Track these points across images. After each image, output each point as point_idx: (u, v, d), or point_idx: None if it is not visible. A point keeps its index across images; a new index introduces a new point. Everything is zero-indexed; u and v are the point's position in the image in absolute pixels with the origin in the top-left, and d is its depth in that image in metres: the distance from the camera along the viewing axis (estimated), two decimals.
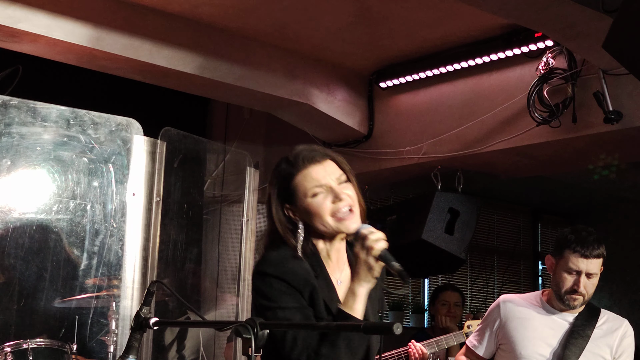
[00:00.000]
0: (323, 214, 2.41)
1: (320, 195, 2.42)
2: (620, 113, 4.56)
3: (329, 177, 2.45)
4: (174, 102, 6.02)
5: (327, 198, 2.42)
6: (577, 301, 3.46)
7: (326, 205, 2.42)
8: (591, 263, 3.42)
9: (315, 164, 2.46)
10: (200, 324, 2.57)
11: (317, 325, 2.32)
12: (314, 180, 2.44)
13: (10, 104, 3.97)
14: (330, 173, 2.46)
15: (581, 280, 3.42)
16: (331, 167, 2.48)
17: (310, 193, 2.42)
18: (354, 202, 2.45)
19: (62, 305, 4.11)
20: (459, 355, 3.78)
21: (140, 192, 4.10)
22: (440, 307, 5.48)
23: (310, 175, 2.44)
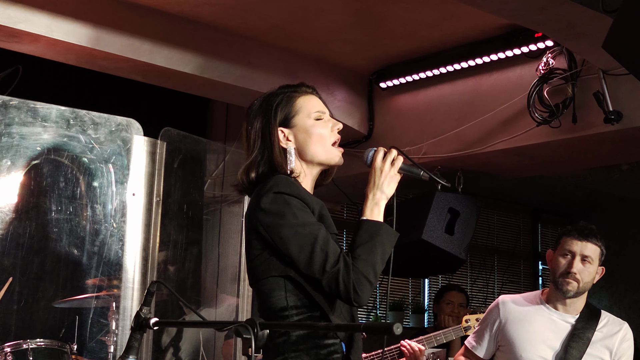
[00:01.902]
0: (326, 137, 2.46)
1: (323, 121, 2.48)
2: (620, 113, 4.56)
3: (327, 112, 2.52)
4: (174, 102, 6.02)
5: (328, 124, 2.49)
6: (570, 285, 3.43)
7: (328, 130, 2.48)
8: (585, 246, 3.42)
9: (315, 95, 2.53)
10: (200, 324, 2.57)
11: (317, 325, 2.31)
12: (318, 105, 2.50)
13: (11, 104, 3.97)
14: (326, 109, 2.53)
15: (575, 263, 3.41)
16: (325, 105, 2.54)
17: (315, 115, 2.47)
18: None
19: (62, 305, 4.11)
20: (457, 355, 3.77)
21: (140, 192, 4.10)
22: (445, 306, 5.47)
23: (314, 101, 2.50)
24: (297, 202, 2.35)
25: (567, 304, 3.51)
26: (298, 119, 2.47)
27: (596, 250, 3.43)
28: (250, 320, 1.98)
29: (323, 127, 2.48)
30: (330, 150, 2.48)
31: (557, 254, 3.49)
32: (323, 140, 2.47)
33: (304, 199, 2.37)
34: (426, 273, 7.01)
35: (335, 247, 2.33)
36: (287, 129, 2.47)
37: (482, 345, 3.64)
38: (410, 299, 7.76)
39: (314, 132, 2.46)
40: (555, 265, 3.48)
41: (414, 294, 7.83)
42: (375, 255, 2.38)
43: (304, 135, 2.46)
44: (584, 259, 3.42)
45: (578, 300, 3.52)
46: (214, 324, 2.54)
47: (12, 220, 4.05)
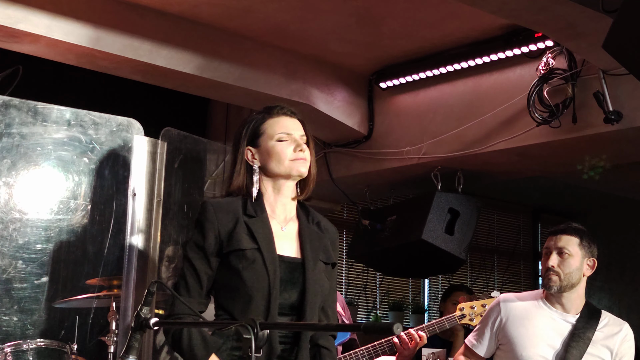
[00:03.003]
0: (284, 157, 2.70)
1: (286, 142, 2.72)
2: (620, 113, 4.57)
3: (296, 132, 2.75)
4: (174, 102, 6.02)
5: (290, 146, 2.72)
6: (552, 281, 3.46)
7: (289, 150, 2.71)
8: (559, 239, 3.47)
9: (288, 116, 2.78)
10: (200, 324, 2.57)
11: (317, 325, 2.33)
12: (283, 127, 2.74)
13: (11, 104, 3.97)
14: (298, 129, 2.77)
15: (551, 256, 3.46)
16: (299, 125, 2.79)
17: (277, 137, 2.72)
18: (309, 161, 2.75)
19: (62, 305, 4.10)
20: (458, 354, 3.78)
21: (141, 193, 4.09)
22: (451, 306, 5.45)
23: (282, 123, 2.76)
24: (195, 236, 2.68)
25: (563, 302, 3.52)
26: (262, 139, 2.74)
27: (571, 240, 3.46)
28: (251, 320, 1.98)
29: (284, 147, 2.72)
30: (289, 164, 2.71)
31: (543, 253, 3.57)
32: (281, 159, 2.71)
33: (207, 225, 2.66)
34: (426, 273, 7.01)
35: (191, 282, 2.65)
36: (254, 148, 2.75)
37: (482, 344, 3.65)
38: (410, 299, 7.76)
39: (273, 151, 2.71)
40: (541, 265, 3.57)
41: (414, 294, 7.83)
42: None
43: (265, 154, 2.73)
44: (560, 252, 3.46)
45: (576, 299, 3.53)
46: (214, 324, 2.54)
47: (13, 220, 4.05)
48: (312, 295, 2.63)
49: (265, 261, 2.59)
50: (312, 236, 2.74)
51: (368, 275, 7.44)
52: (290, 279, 2.63)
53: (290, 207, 2.76)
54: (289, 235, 2.72)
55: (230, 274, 2.61)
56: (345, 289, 7.28)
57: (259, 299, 2.57)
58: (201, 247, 2.64)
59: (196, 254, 2.64)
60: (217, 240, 2.63)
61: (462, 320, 4.26)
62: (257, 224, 2.65)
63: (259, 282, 2.57)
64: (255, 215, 2.67)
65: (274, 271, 2.59)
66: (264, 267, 2.59)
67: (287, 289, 2.61)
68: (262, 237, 2.63)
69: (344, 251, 6.97)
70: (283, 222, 2.73)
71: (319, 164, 6.00)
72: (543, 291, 3.60)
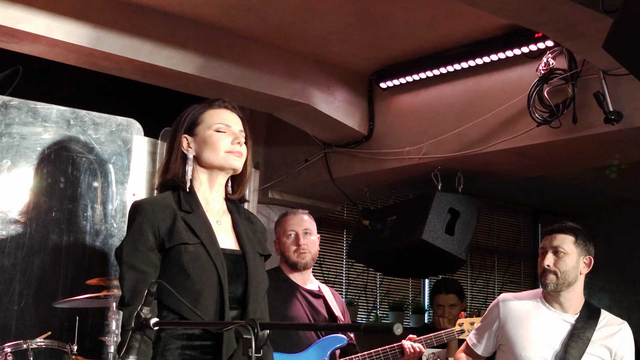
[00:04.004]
0: (219, 147, 2.69)
1: (224, 133, 2.71)
2: (620, 113, 4.56)
3: (235, 126, 2.75)
4: (174, 102, 6.01)
5: (228, 138, 2.71)
6: (549, 279, 3.48)
7: (225, 142, 2.70)
8: (554, 238, 3.48)
9: (229, 110, 2.79)
10: (200, 324, 2.57)
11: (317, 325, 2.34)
12: (223, 119, 2.75)
13: (11, 104, 3.98)
14: (237, 124, 2.77)
15: (546, 256, 3.48)
16: (239, 121, 2.79)
17: (215, 127, 2.72)
18: (245, 158, 2.74)
19: (63, 305, 4.11)
20: (458, 352, 3.79)
21: (140, 193, 4.10)
22: (436, 308, 5.47)
23: (222, 115, 2.76)
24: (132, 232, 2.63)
25: (561, 302, 3.52)
26: (200, 128, 2.73)
27: (565, 239, 3.48)
28: (251, 321, 1.98)
29: (220, 138, 2.71)
30: (224, 156, 2.70)
31: (539, 253, 3.58)
32: (216, 149, 2.69)
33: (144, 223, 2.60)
34: (426, 273, 7.01)
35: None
36: (190, 136, 2.74)
37: (482, 343, 3.66)
38: (410, 299, 7.77)
39: (209, 141, 2.70)
40: (538, 265, 3.57)
41: (414, 294, 7.83)
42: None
43: (201, 143, 2.71)
44: (555, 251, 3.47)
45: (575, 299, 3.53)
46: (214, 324, 2.54)
47: (13, 220, 4.05)
48: (255, 287, 2.63)
49: (211, 255, 2.57)
50: (247, 229, 2.75)
51: (368, 275, 7.44)
52: (234, 272, 2.62)
53: (222, 201, 2.76)
54: (225, 229, 2.71)
55: (174, 271, 2.56)
56: (345, 289, 7.29)
57: (208, 294, 2.54)
58: (141, 246, 2.57)
59: (137, 254, 2.56)
60: (156, 237, 2.58)
61: (460, 336, 4.28)
62: (194, 218, 2.62)
63: (208, 277, 2.55)
64: (191, 210, 2.64)
65: (221, 265, 2.58)
66: (211, 261, 2.57)
67: (232, 281, 2.60)
68: (202, 231, 2.61)
69: (344, 251, 6.97)
70: (217, 216, 2.71)
71: (319, 164, 6.02)
72: (542, 291, 3.60)
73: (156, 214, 2.60)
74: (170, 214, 2.61)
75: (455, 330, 4.31)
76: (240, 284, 2.62)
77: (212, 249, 2.59)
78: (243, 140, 2.73)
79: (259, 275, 2.67)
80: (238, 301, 2.61)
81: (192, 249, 2.57)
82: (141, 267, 2.55)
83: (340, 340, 4.04)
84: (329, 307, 4.13)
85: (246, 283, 2.62)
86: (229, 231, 2.72)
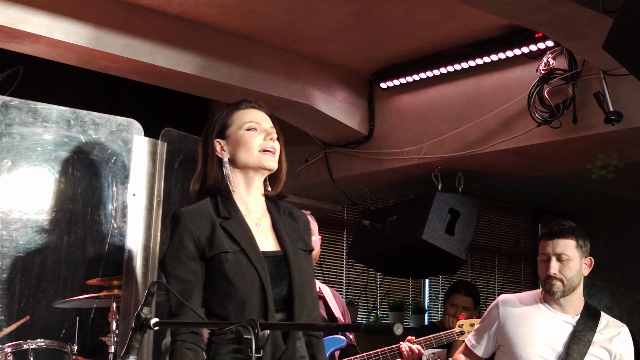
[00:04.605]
0: (253, 146, 2.67)
1: (255, 130, 2.70)
2: (620, 113, 4.57)
3: (265, 123, 2.73)
4: (175, 102, 6.02)
5: (260, 135, 2.69)
6: (555, 286, 3.43)
7: (258, 139, 2.68)
8: (556, 244, 3.41)
9: (257, 109, 2.76)
10: (200, 324, 2.57)
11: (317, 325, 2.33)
12: (252, 117, 2.72)
13: (11, 104, 3.97)
14: (267, 121, 2.75)
15: (551, 264, 3.41)
16: (268, 118, 2.77)
17: (247, 126, 2.70)
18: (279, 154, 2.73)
19: (63, 305, 4.11)
20: (457, 353, 3.77)
21: (141, 193, 4.09)
22: (449, 307, 5.46)
23: (250, 114, 2.74)
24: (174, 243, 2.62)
25: (562, 303, 3.51)
26: (231, 130, 2.72)
27: (568, 244, 3.42)
28: (251, 321, 1.98)
29: (253, 136, 2.69)
30: (259, 155, 2.68)
31: (538, 260, 3.52)
32: (250, 148, 2.68)
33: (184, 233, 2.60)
34: (426, 273, 7.01)
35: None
36: (222, 140, 2.72)
37: (481, 344, 3.64)
38: (410, 299, 7.76)
39: (242, 140, 2.68)
40: (539, 271, 3.52)
41: (415, 294, 7.83)
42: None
43: (234, 144, 2.70)
44: (559, 257, 3.42)
45: (575, 300, 3.52)
46: (214, 324, 2.54)
47: (13, 220, 4.05)
48: (300, 286, 2.62)
49: (252, 260, 2.58)
50: (287, 227, 2.74)
51: (368, 275, 7.44)
52: (277, 274, 2.62)
53: (261, 201, 2.76)
54: (265, 230, 2.70)
55: (219, 280, 2.58)
56: (345, 289, 7.28)
57: (253, 299, 2.55)
58: (183, 256, 2.58)
59: (179, 265, 2.58)
60: (197, 247, 2.59)
61: (460, 337, 4.26)
62: (233, 224, 2.63)
63: (251, 282, 2.56)
64: (229, 216, 2.64)
65: (263, 269, 2.58)
66: (252, 266, 2.57)
67: (276, 283, 2.60)
68: (241, 237, 2.61)
69: (344, 251, 6.97)
70: (257, 218, 2.71)
71: (319, 164, 6.02)
72: (541, 291, 3.60)
73: (195, 224, 2.60)
74: (208, 223, 2.61)
75: (455, 332, 4.30)
76: (284, 284, 2.61)
77: (252, 254, 2.59)
78: (275, 136, 2.72)
79: (302, 273, 2.65)
80: (284, 302, 2.61)
81: (232, 256, 2.57)
82: (185, 277, 2.56)
83: (340, 341, 4.03)
84: (328, 308, 4.12)
85: (290, 284, 2.61)
86: (269, 232, 2.71)
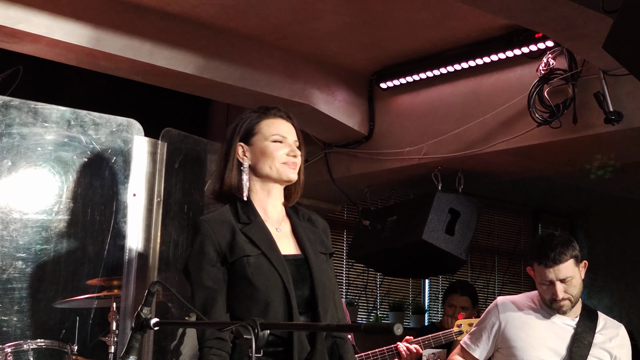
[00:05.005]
0: (276, 159, 2.71)
1: (280, 143, 2.73)
2: (620, 114, 4.57)
3: (291, 137, 2.77)
4: (175, 102, 6.02)
5: (285, 149, 2.73)
6: (564, 307, 3.45)
7: (282, 152, 2.72)
8: (558, 270, 3.39)
9: (284, 119, 2.79)
10: (200, 325, 2.57)
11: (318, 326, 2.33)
12: (279, 130, 2.76)
13: (11, 104, 3.97)
14: (292, 134, 2.79)
15: (557, 289, 3.41)
16: (294, 131, 2.81)
17: (272, 138, 2.73)
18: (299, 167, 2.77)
19: (63, 305, 4.11)
20: (452, 355, 3.75)
21: (141, 193, 4.09)
22: (447, 308, 5.46)
23: (278, 126, 2.77)
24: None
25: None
26: (257, 138, 2.74)
27: (569, 265, 3.41)
28: (251, 321, 1.98)
29: (277, 148, 2.72)
30: (280, 167, 2.71)
31: (537, 281, 3.49)
32: (273, 160, 2.71)
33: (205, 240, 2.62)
34: (426, 273, 7.01)
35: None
36: (246, 145, 2.75)
37: (478, 346, 3.62)
38: (410, 300, 7.76)
39: (266, 152, 2.71)
40: (540, 291, 3.50)
41: (415, 295, 7.83)
42: None
43: (257, 153, 2.73)
44: (563, 280, 3.42)
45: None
46: (214, 324, 2.54)
47: (13, 220, 4.05)
48: (322, 288, 2.65)
49: (273, 263, 2.60)
50: (307, 231, 2.77)
51: (368, 275, 7.44)
52: (299, 277, 2.64)
53: (281, 207, 2.79)
54: (285, 235, 2.73)
55: (241, 284, 2.60)
56: (345, 289, 7.29)
57: (276, 302, 2.57)
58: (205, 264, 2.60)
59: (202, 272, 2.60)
60: (218, 253, 2.60)
61: (458, 337, 4.26)
62: (253, 229, 2.65)
63: (273, 286, 2.58)
64: (249, 221, 2.66)
65: (285, 271, 2.60)
66: (274, 269, 2.60)
67: (298, 286, 2.63)
68: (262, 241, 2.63)
69: (344, 251, 6.97)
70: (277, 223, 2.74)
71: (319, 164, 6.02)
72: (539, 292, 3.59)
73: (215, 231, 2.61)
74: (229, 229, 2.63)
75: (453, 332, 4.29)
76: (306, 287, 2.64)
77: (273, 257, 2.61)
78: (298, 153, 2.76)
79: (323, 275, 2.68)
80: (308, 305, 2.63)
81: (253, 260, 2.59)
82: (208, 284, 2.58)
83: None
84: None
85: (312, 286, 2.64)
86: (289, 236, 2.73)
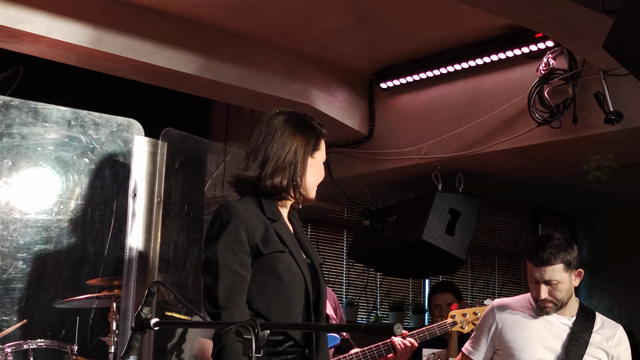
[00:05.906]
0: (318, 180, 2.80)
1: (323, 166, 2.83)
2: (620, 114, 4.57)
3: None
4: (175, 102, 6.02)
5: (323, 173, 2.84)
6: (548, 307, 3.48)
7: (322, 176, 2.83)
8: (544, 271, 3.40)
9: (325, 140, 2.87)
10: (200, 325, 2.57)
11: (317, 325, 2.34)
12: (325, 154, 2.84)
13: (12, 104, 3.97)
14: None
15: (541, 289, 3.43)
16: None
17: (323, 160, 2.82)
18: None
19: (63, 305, 4.11)
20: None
21: (141, 193, 4.09)
22: (434, 309, 5.48)
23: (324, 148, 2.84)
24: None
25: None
26: (318, 155, 2.80)
27: (556, 270, 3.41)
28: (251, 321, 1.98)
29: (323, 172, 2.83)
30: (314, 187, 2.80)
31: (528, 280, 3.53)
32: (317, 180, 2.80)
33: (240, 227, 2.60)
34: (427, 273, 7.01)
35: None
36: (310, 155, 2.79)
37: (479, 351, 3.64)
38: (410, 299, 7.77)
39: (317, 170, 2.79)
40: (531, 290, 3.54)
41: (415, 294, 7.83)
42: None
43: (313, 169, 2.77)
44: (548, 283, 3.43)
45: (570, 303, 3.54)
46: (215, 324, 2.54)
47: (13, 220, 4.05)
48: (324, 293, 2.72)
49: (299, 263, 2.64)
50: (304, 235, 2.82)
51: (368, 275, 7.44)
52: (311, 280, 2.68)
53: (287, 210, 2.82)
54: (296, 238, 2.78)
55: (267, 278, 2.59)
56: (345, 289, 7.29)
57: (297, 301, 2.60)
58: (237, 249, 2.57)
59: (233, 256, 2.56)
60: (249, 242, 2.58)
61: (453, 328, 4.25)
62: (280, 227, 2.67)
63: (298, 285, 2.61)
64: (275, 218, 2.67)
65: (307, 273, 2.65)
66: (300, 270, 2.63)
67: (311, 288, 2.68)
68: (289, 240, 2.66)
69: (344, 251, 6.97)
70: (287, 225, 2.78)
71: None
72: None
73: (250, 219, 2.60)
74: (261, 220, 2.63)
75: (447, 322, 4.28)
76: (315, 291, 2.68)
77: (299, 258, 2.65)
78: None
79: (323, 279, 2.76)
80: (315, 307, 2.67)
81: (284, 257, 2.62)
82: (238, 269, 2.55)
83: (334, 339, 4.02)
84: None
85: (319, 290, 2.69)
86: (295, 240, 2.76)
